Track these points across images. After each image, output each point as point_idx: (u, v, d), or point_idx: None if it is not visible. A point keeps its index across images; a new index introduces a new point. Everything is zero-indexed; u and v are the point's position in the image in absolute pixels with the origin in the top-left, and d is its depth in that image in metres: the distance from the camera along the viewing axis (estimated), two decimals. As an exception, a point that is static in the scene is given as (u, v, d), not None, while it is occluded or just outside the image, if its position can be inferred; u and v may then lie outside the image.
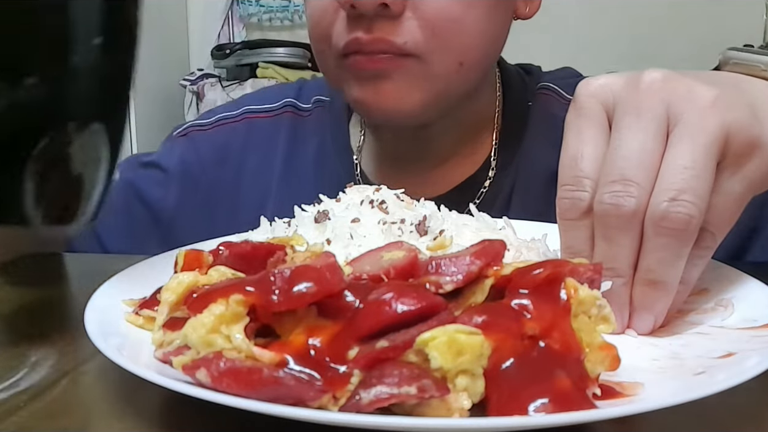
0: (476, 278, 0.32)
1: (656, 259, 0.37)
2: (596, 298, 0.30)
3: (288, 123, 0.82)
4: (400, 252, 0.35)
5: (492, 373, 0.27)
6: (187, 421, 0.30)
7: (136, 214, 0.79)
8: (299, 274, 0.29)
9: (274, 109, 0.83)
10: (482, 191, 0.71)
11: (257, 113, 0.83)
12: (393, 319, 0.28)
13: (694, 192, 0.36)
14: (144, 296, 0.40)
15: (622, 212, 0.37)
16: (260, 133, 0.82)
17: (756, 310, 0.38)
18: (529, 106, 0.75)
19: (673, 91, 0.38)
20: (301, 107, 0.83)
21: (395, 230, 0.45)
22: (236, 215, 0.79)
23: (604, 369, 0.30)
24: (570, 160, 0.40)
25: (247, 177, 0.81)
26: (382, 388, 0.26)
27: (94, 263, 0.59)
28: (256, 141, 0.82)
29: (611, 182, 0.37)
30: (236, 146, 0.82)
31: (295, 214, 0.50)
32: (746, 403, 0.31)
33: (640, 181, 0.36)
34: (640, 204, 0.36)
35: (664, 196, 0.36)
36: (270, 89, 0.95)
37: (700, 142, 0.36)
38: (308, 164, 0.79)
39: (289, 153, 0.81)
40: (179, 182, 0.80)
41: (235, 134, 0.83)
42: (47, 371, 0.35)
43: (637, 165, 0.37)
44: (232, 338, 0.29)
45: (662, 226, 0.36)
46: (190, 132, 0.83)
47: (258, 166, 0.81)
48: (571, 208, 0.39)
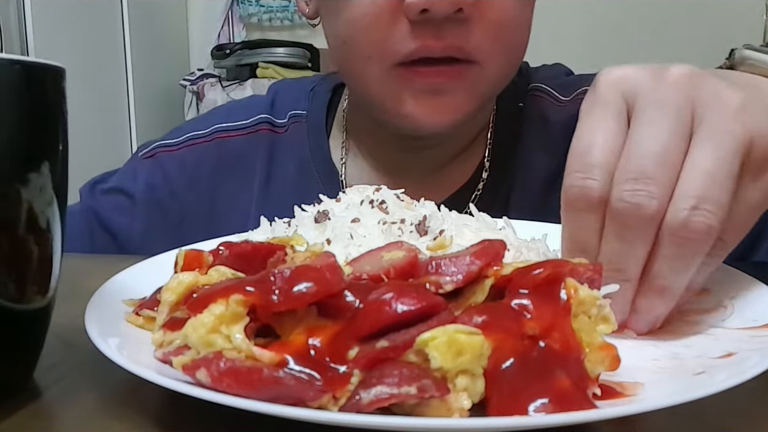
0: (476, 278, 0.32)
1: (668, 267, 0.36)
2: (596, 298, 0.30)
3: (265, 141, 0.77)
4: (400, 252, 0.35)
5: (492, 373, 0.27)
6: (187, 421, 0.30)
7: (99, 243, 0.75)
8: (299, 274, 0.29)
9: (247, 126, 0.78)
10: (476, 194, 0.70)
11: (229, 132, 0.77)
12: (393, 319, 0.28)
13: (716, 200, 0.34)
14: (144, 296, 0.40)
15: (643, 213, 0.35)
16: (234, 153, 0.77)
17: (756, 310, 0.38)
18: (521, 107, 0.73)
19: (700, 90, 0.36)
20: (277, 123, 0.78)
21: (395, 230, 0.45)
22: None
23: (604, 369, 0.30)
24: (582, 148, 0.37)
25: (223, 201, 0.76)
26: (382, 388, 0.26)
27: (94, 263, 0.59)
28: (229, 162, 0.77)
29: (632, 179, 0.35)
30: (208, 168, 0.77)
31: (294, 215, 0.50)
32: (746, 403, 0.31)
33: (662, 180, 0.34)
34: (661, 206, 0.34)
35: (685, 204, 0.34)
36: (240, 103, 0.88)
37: (725, 148, 0.34)
38: (288, 186, 0.75)
39: (267, 175, 0.76)
40: (146, 209, 0.75)
41: (207, 155, 0.77)
42: (47, 371, 0.35)
43: (660, 163, 0.35)
44: (232, 338, 0.29)
45: (680, 235, 0.34)
46: (156, 153, 0.77)
47: (234, 190, 0.76)
48: (580, 197, 0.36)
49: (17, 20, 1.90)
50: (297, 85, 0.82)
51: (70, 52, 2.11)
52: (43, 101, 0.32)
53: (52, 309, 0.35)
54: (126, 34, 2.38)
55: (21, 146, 0.31)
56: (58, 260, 0.34)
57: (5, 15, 1.86)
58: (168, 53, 2.74)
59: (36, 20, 1.93)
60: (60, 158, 0.33)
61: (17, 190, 0.31)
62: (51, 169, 0.32)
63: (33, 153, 0.32)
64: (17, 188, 0.31)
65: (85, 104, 2.04)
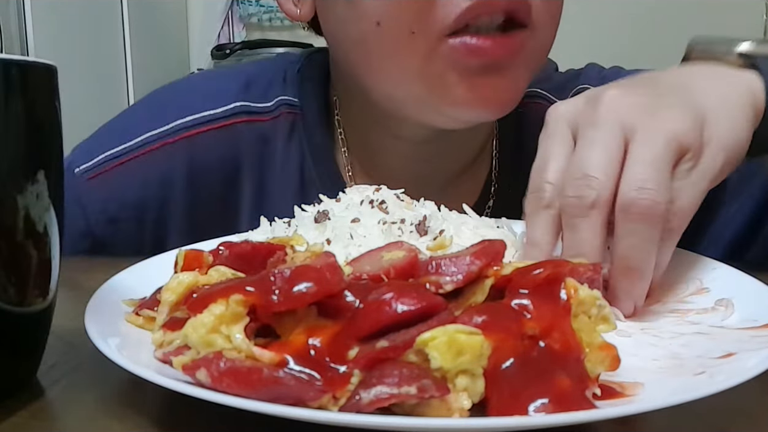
0: (476, 278, 0.32)
1: (628, 245, 0.39)
2: (596, 298, 0.30)
3: (245, 135, 0.62)
4: (400, 252, 0.35)
5: (492, 373, 0.27)
6: (187, 421, 0.30)
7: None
8: (299, 274, 0.29)
9: (218, 117, 0.62)
10: (487, 211, 0.68)
11: (198, 126, 0.61)
12: (393, 319, 0.28)
13: (658, 182, 0.38)
14: (144, 296, 0.40)
15: (583, 202, 0.39)
16: (209, 154, 0.61)
17: (756, 310, 0.38)
18: (520, 113, 0.67)
19: (629, 106, 0.41)
20: (257, 109, 0.63)
21: (395, 230, 0.45)
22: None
23: (604, 369, 0.30)
24: (535, 173, 0.43)
25: (204, 215, 0.62)
26: (382, 388, 0.26)
27: (95, 263, 0.59)
28: (204, 166, 0.61)
29: (575, 179, 0.40)
30: (178, 177, 0.61)
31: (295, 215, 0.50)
32: (746, 403, 0.31)
33: (602, 177, 0.39)
34: (600, 195, 0.39)
35: (632, 186, 0.38)
36: (205, 81, 0.70)
37: (658, 143, 0.39)
38: (287, 194, 0.63)
39: (260, 179, 0.63)
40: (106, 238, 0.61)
41: (173, 161, 0.61)
42: (47, 371, 0.35)
43: (598, 165, 0.39)
44: (232, 338, 0.29)
45: (631, 212, 0.38)
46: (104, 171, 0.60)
47: (216, 199, 0.62)
48: (532, 202, 0.42)
49: (17, 20, 1.90)
50: (272, 65, 0.69)
51: (70, 52, 2.11)
52: (35, 102, 0.32)
53: (53, 311, 0.35)
54: (126, 34, 2.38)
55: (16, 152, 0.31)
56: (57, 263, 0.34)
57: (5, 15, 1.86)
58: (168, 53, 2.74)
59: (36, 20, 1.93)
60: (55, 160, 0.33)
61: (14, 197, 0.30)
62: (47, 175, 0.32)
63: (28, 158, 0.31)
64: (14, 196, 0.30)
65: (85, 104, 2.04)
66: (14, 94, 0.31)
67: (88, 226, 0.61)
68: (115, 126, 0.66)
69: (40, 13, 1.95)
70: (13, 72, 0.30)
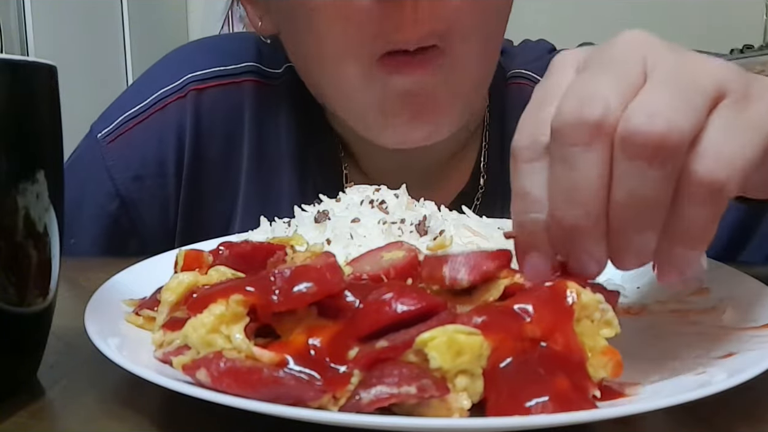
0: (491, 277, 0.32)
1: (626, 191, 0.29)
2: (599, 302, 0.30)
3: (251, 96, 0.63)
4: (400, 252, 0.35)
5: (491, 373, 0.27)
6: (187, 421, 0.30)
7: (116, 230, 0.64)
8: (299, 274, 0.29)
9: (228, 74, 0.63)
10: (476, 203, 0.67)
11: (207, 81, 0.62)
12: (393, 319, 0.28)
13: (676, 112, 0.28)
14: (144, 296, 0.40)
15: (584, 122, 0.29)
16: (215, 109, 0.62)
17: (756, 310, 0.38)
18: (503, 93, 0.67)
19: (652, 44, 0.31)
20: (267, 73, 0.64)
21: (395, 230, 0.45)
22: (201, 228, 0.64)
23: (607, 374, 0.29)
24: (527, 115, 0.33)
25: (207, 174, 0.63)
26: (382, 388, 0.26)
27: (95, 263, 0.59)
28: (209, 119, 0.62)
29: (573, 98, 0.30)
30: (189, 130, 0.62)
31: (295, 214, 0.50)
32: (746, 403, 0.31)
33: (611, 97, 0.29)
34: (607, 117, 0.28)
35: (639, 112, 0.28)
36: (220, 40, 0.72)
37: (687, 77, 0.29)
38: (285, 167, 0.64)
39: (258, 141, 0.63)
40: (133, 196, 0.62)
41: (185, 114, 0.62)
42: (47, 371, 0.35)
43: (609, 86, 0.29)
44: (232, 338, 0.29)
45: (633, 142, 0.28)
46: (123, 132, 0.61)
47: (218, 157, 0.63)
48: (529, 145, 0.31)
49: (17, 20, 1.90)
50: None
51: (70, 52, 2.11)
52: (35, 101, 0.32)
53: (53, 311, 0.35)
54: (126, 34, 2.38)
55: (16, 152, 0.31)
56: (56, 263, 0.34)
57: (5, 15, 1.86)
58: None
59: (36, 20, 1.93)
60: (55, 161, 0.33)
61: (14, 197, 0.30)
62: (47, 175, 0.32)
63: (28, 158, 0.31)
64: (14, 196, 0.30)
65: (85, 104, 2.04)
66: (14, 94, 0.31)
67: (115, 186, 0.62)
68: (132, 89, 0.67)
69: (40, 13, 1.95)
70: (13, 72, 0.30)
